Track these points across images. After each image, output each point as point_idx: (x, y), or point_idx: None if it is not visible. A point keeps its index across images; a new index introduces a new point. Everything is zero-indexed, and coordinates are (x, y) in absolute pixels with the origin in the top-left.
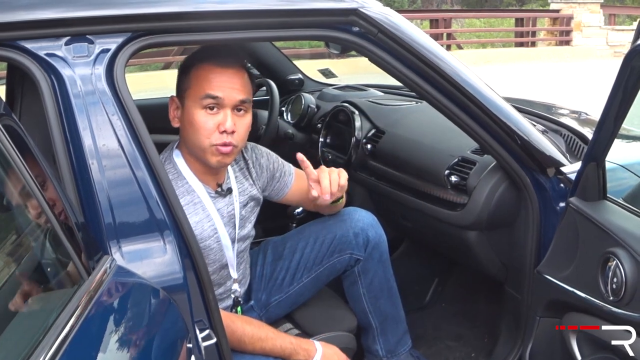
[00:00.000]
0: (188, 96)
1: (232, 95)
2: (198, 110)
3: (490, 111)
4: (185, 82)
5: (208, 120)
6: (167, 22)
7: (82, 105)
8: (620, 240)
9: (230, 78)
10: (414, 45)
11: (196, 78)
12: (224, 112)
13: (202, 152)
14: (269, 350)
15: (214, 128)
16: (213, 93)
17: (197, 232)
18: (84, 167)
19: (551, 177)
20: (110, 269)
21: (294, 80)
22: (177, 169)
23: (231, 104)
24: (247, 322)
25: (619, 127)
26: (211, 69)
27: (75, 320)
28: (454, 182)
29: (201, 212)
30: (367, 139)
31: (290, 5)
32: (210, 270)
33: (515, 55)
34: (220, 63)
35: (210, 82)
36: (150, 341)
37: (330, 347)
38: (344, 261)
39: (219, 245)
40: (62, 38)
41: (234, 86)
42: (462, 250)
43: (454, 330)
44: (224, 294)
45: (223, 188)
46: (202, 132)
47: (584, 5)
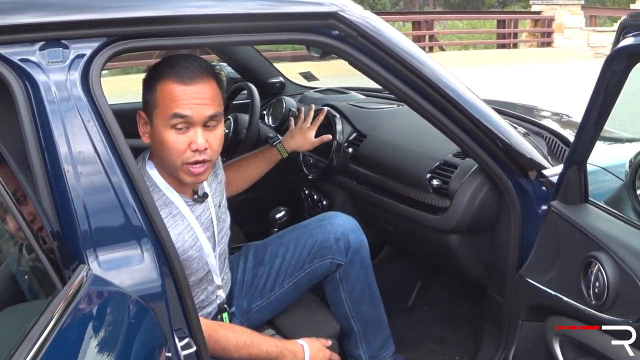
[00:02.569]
0: (156, 115)
1: (201, 111)
2: (167, 130)
3: (471, 114)
4: (151, 99)
5: (178, 140)
6: (144, 26)
7: (57, 111)
8: (602, 244)
9: (198, 93)
10: (394, 49)
11: (162, 96)
12: (194, 130)
13: (176, 170)
14: (256, 355)
15: (185, 147)
16: (181, 112)
17: (179, 245)
18: (59, 174)
19: (533, 180)
20: (87, 278)
21: (275, 83)
22: (152, 181)
23: (201, 121)
24: (230, 329)
25: (600, 130)
26: (176, 86)
27: (49, 331)
28: (435, 185)
29: (181, 224)
30: (348, 143)
31: (268, 9)
32: (193, 279)
33: (497, 56)
34: (185, 78)
35: (177, 100)
36: (128, 351)
37: (314, 343)
38: (325, 266)
39: (200, 254)
40: (36, 43)
41: (202, 102)
42: (444, 254)
43: (438, 334)
44: (206, 301)
45: (199, 194)
46: (174, 152)
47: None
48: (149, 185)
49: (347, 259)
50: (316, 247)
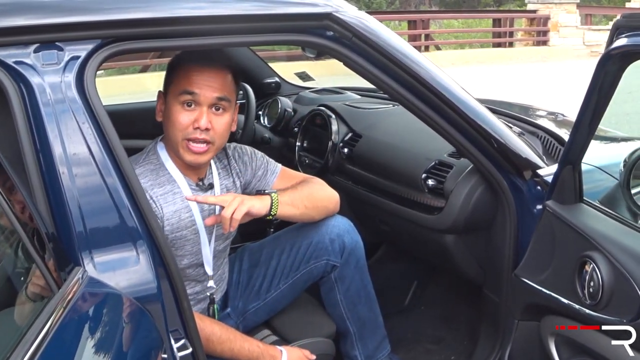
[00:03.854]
0: (170, 92)
1: (208, 92)
2: (176, 106)
3: (466, 114)
4: (169, 78)
5: (184, 116)
6: (139, 28)
7: (51, 113)
8: (596, 244)
9: (210, 76)
10: (388, 49)
11: (178, 74)
12: (200, 109)
13: (176, 146)
14: (237, 352)
15: (188, 123)
16: (189, 89)
17: (174, 221)
18: (54, 176)
19: (528, 180)
20: (82, 280)
21: (270, 83)
22: (160, 160)
23: (207, 102)
24: (216, 322)
25: (594, 130)
26: (193, 67)
27: (44, 334)
28: (431, 185)
29: (180, 202)
30: (343, 143)
31: (263, 10)
32: (185, 263)
33: (493, 55)
34: (203, 62)
35: (189, 79)
36: (124, 353)
37: (294, 351)
38: (321, 267)
39: (196, 238)
40: (30, 45)
41: (211, 84)
42: (440, 254)
43: (434, 334)
44: (200, 293)
45: (204, 182)
46: (177, 127)
47: (561, 5)
48: (156, 163)
49: (342, 260)
50: (311, 248)
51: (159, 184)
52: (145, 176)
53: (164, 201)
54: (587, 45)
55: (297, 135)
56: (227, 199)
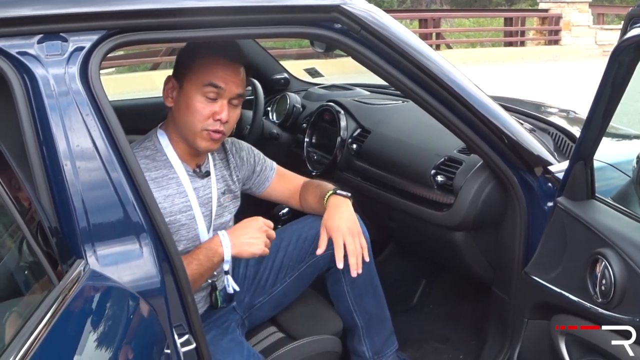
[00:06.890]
0: (189, 80)
1: (232, 88)
2: (198, 96)
3: (477, 110)
4: (189, 65)
5: (206, 107)
6: (144, 19)
7: (55, 105)
8: (608, 241)
9: (234, 72)
10: (398, 43)
11: (201, 64)
12: (221, 102)
13: (193, 134)
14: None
15: (209, 115)
16: (217, 83)
17: (167, 205)
18: (58, 169)
19: (539, 177)
20: (84, 273)
21: (279, 79)
22: (158, 145)
23: (229, 96)
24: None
25: (607, 124)
26: (219, 61)
27: (43, 327)
28: (440, 182)
29: (174, 187)
30: (352, 139)
31: (270, 2)
32: (181, 248)
33: (504, 54)
34: (228, 57)
35: (215, 72)
36: (125, 347)
37: (234, 231)
38: (327, 257)
39: (191, 224)
40: (34, 36)
41: (235, 80)
42: (448, 252)
43: (442, 333)
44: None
45: (202, 169)
46: (197, 117)
47: (573, 4)
48: (153, 149)
49: None
50: (317, 238)
51: (154, 167)
52: (139, 160)
53: (156, 185)
54: (599, 45)
55: (306, 131)
56: (340, 244)
